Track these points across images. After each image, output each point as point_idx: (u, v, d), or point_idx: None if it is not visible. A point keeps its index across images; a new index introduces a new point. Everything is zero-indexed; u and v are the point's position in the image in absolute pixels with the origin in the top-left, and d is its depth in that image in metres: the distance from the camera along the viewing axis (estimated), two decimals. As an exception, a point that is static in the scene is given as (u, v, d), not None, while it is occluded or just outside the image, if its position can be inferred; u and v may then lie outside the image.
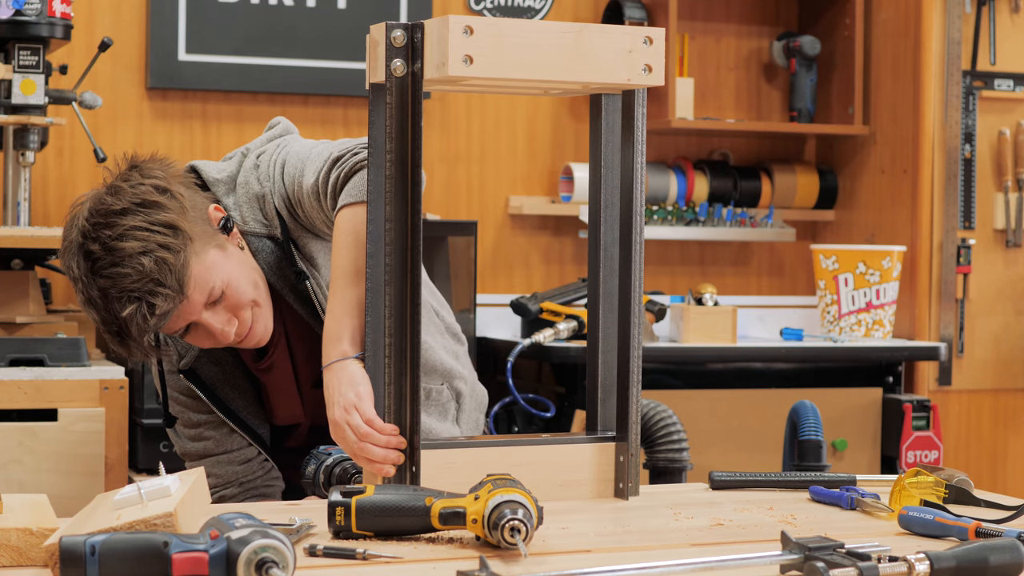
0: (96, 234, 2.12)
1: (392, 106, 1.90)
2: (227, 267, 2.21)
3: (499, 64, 1.85)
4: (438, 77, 1.86)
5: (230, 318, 2.22)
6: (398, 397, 1.93)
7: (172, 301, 2.12)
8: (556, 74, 1.90)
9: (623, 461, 2.06)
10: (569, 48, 1.90)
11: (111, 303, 2.12)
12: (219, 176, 2.33)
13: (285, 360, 2.38)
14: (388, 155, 1.91)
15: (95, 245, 2.12)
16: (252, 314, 2.24)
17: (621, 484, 2.06)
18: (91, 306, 2.16)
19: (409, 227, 1.92)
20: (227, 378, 2.40)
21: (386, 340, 1.92)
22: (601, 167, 2.09)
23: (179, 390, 2.42)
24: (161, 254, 2.10)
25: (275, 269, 2.30)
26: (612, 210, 2.10)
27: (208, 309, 2.20)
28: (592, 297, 2.11)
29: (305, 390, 2.41)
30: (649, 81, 1.96)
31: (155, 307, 2.10)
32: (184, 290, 2.13)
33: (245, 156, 2.35)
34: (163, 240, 2.11)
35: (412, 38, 1.89)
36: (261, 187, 2.29)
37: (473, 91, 2.09)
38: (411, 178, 1.92)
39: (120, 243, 2.10)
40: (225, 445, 2.41)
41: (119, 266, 2.10)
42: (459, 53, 1.83)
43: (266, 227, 2.29)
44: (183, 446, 2.44)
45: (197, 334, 2.24)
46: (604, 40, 1.92)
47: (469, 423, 2.48)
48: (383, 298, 1.92)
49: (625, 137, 2.06)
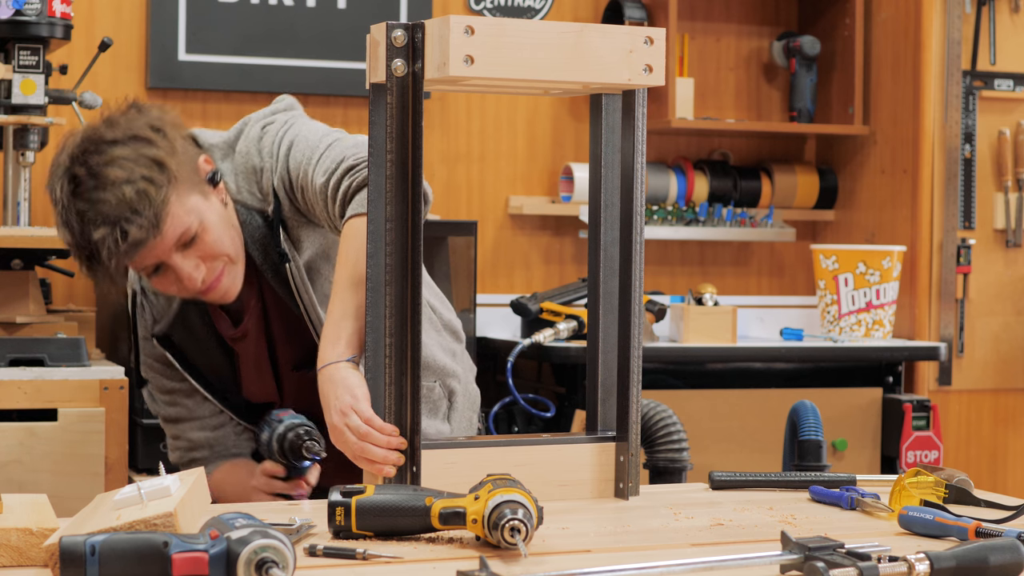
0: (84, 159, 2.18)
1: (393, 106, 1.90)
2: (206, 214, 2.26)
3: (500, 64, 1.85)
4: (439, 77, 1.86)
5: (198, 264, 2.25)
6: (398, 397, 1.92)
7: (146, 232, 2.16)
8: (556, 74, 1.90)
9: (623, 461, 2.06)
10: (569, 48, 1.90)
11: (87, 226, 2.17)
12: (215, 141, 2.36)
13: (260, 333, 2.40)
14: (389, 155, 1.91)
15: (81, 169, 2.17)
16: (223, 267, 2.27)
17: (621, 484, 2.06)
18: (66, 228, 2.21)
19: (409, 227, 1.92)
20: (200, 347, 2.43)
21: (386, 340, 1.92)
22: (601, 167, 2.09)
23: (153, 356, 2.47)
24: (143, 186, 2.15)
25: (258, 244, 2.33)
26: (612, 210, 2.10)
27: (180, 251, 2.24)
28: (592, 297, 2.11)
29: (284, 371, 2.42)
30: (649, 81, 1.96)
31: (128, 234, 2.14)
32: (160, 224, 2.17)
33: (246, 124, 2.37)
34: (148, 174, 2.16)
35: (413, 38, 1.89)
36: (261, 161, 2.31)
37: (473, 91, 2.09)
38: (411, 178, 1.92)
39: (106, 170, 2.16)
40: (197, 412, 2.46)
41: (100, 191, 2.15)
42: (460, 53, 1.83)
43: (259, 202, 2.32)
44: (156, 409, 2.51)
45: (165, 277, 2.27)
46: (604, 40, 1.92)
47: (462, 422, 2.48)
48: (383, 298, 1.92)
49: (625, 137, 2.06)
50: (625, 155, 2.06)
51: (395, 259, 1.92)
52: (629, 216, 2.06)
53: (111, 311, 4.07)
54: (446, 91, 2.13)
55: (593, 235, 2.10)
